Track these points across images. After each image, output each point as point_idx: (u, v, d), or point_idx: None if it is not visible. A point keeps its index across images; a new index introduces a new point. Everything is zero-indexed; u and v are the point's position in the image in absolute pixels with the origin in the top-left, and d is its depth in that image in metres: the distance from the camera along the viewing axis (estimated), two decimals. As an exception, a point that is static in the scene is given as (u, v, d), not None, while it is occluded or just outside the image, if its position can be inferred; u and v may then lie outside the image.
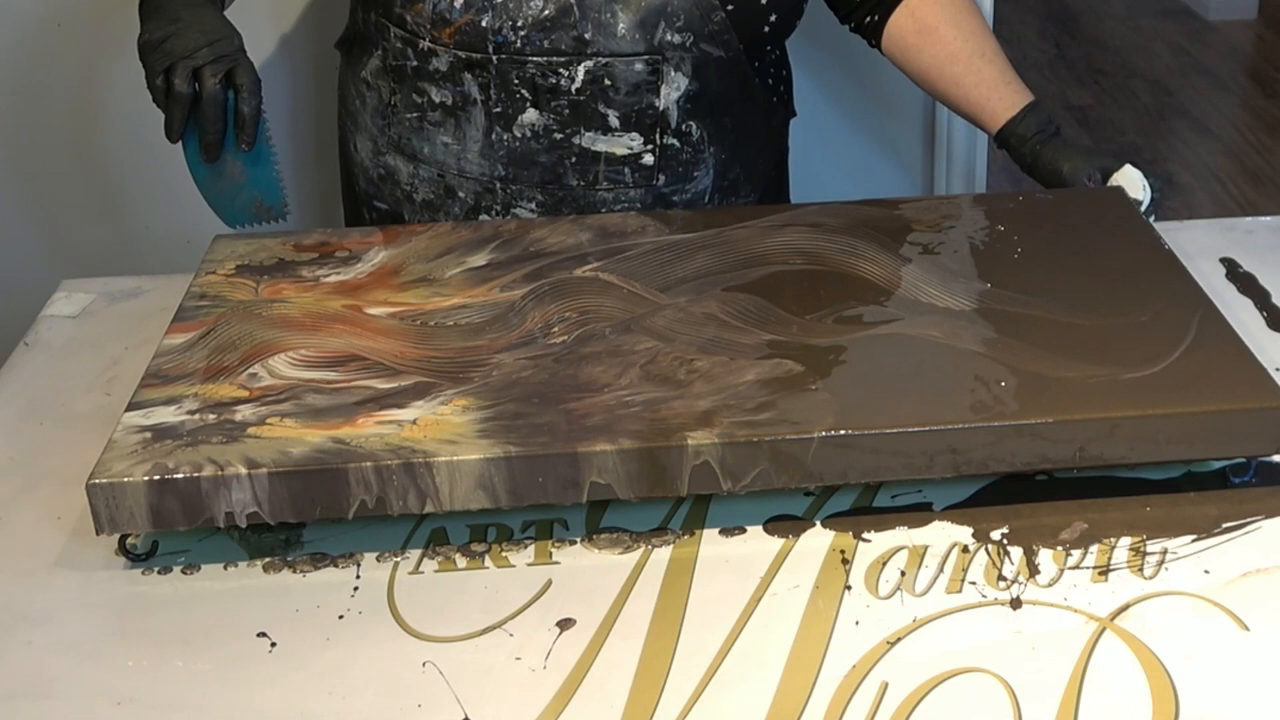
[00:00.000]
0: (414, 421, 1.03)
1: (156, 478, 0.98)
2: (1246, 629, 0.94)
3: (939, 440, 1.02)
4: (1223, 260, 1.37)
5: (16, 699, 0.92)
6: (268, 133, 1.27)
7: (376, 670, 0.93)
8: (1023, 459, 1.03)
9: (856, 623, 0.95)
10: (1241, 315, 1.27)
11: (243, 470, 0.98)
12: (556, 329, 1.14)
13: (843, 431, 1.01)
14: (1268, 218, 1.46)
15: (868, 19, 1.48)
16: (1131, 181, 1.36)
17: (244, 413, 1.05)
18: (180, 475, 0.98)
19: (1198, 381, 1.06)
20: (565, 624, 0.96)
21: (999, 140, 1.43)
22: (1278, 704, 0.89)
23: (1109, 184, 1.37)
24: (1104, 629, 0.94)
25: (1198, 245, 1.39)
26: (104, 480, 0.98)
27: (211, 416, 1.04)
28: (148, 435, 1.03)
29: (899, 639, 0.94)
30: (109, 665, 0.94)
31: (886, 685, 0.90)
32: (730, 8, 1.35)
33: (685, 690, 0.91)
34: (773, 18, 1.39)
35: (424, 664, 0.94)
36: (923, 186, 2.17)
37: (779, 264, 1.22)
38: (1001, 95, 1.42)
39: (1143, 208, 1.34)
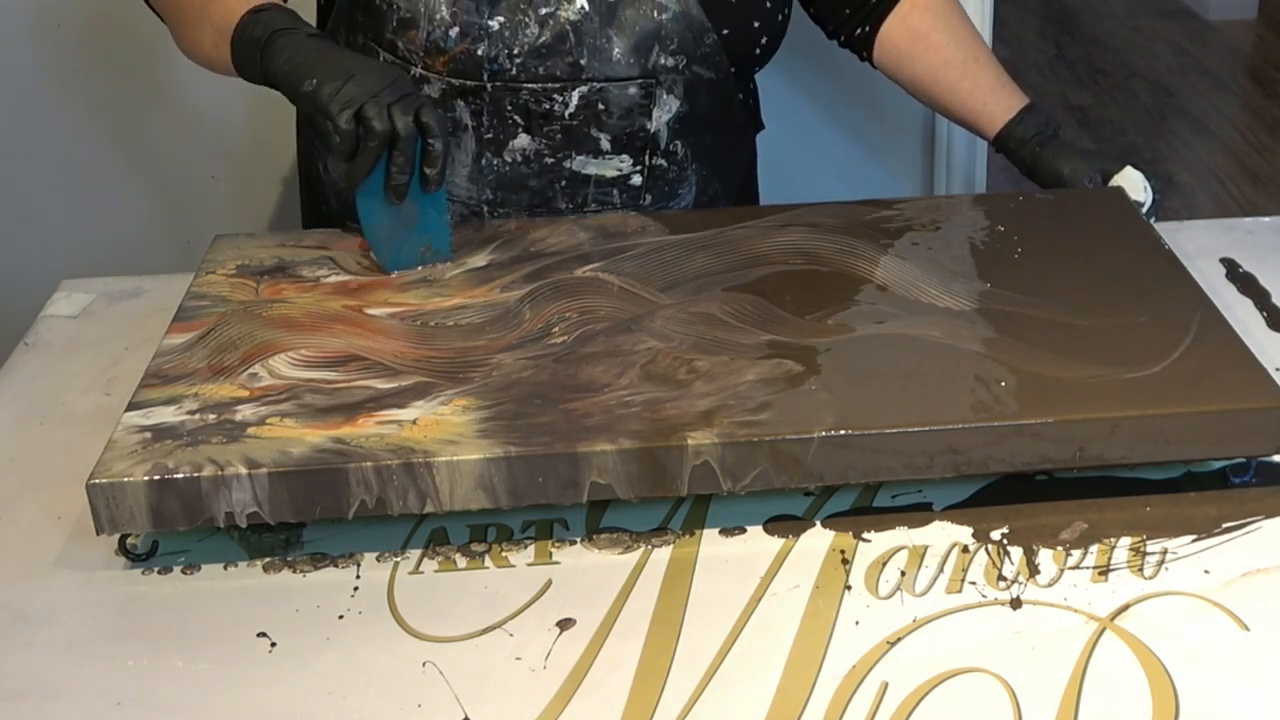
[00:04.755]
0: (414, 421, 1.03)
1: (156, 478, 0.98)
2: (1246, 629, 0.94)
3: (939, 440, 1.02)
4: (1223, 260, 1.37)
5: (16, 699, 0.92)
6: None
7: (376, 670, 0.93)
8: (1023, 459, 1.03)
9: (856, 623, 0.95)
10: (1241, 315, 1.27)
11: (243, 470, 0.98)
12: (556, 329, 1.14)
13: (843, 431, 1.01)
14: (1268, 218, 1.46)
15: (859, 30, 1.48)
16: (1132, 183, 1.36)
17: (244, 413, 1.05)
18: (180, 475, 0.98)
19: (1198, 381, 1.06)
20: (565, 624, 0.96)
21: (997, 144, 1.43)
22: (1278, 704, 0.89)
23: (1110, 185, 1.37)
24: (1104, 629, 0.94)
25: (1198, 245, 1.39)
26: (104, 480, 0.98)
27: (211, 416, 1.04)
28: (148, 435, 1.03)
29: (899, 639, 0.94)
30: (109, 665, 0.94)
31: (886, 685, 0.90)
32: (725, 32, 1.35)
33: (685, 690, 0.91)
34: (764, 40, 1.39)
35: (424, 664, 0.94)
36: (922, 188, 2.17)
37: (779, 264, 1.22)
38: (998, 99, 1.43)
39: (1143, 209, 1.34)
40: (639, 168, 1.38)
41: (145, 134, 2.06)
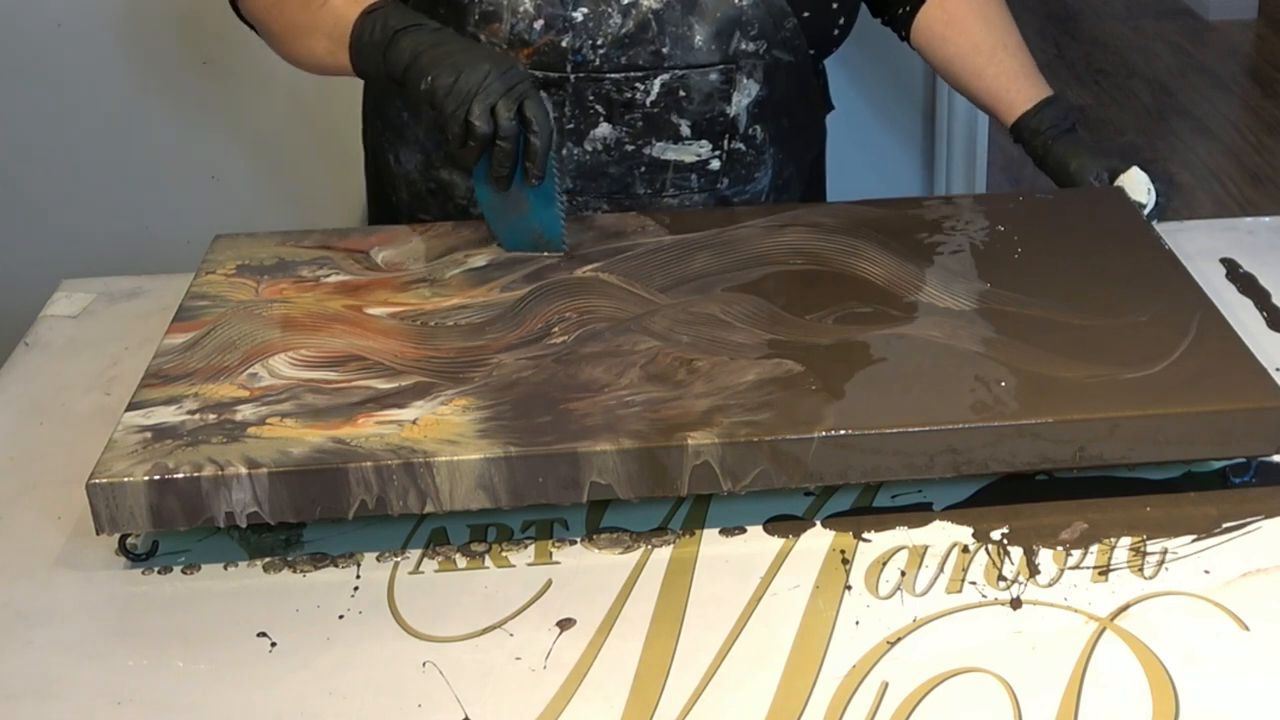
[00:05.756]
0: (414, 421, 1.03)
1: (156, 478, 0.98)
2: (1246, 629, 0.94)
3: (939, 440, 1.02)
4: (1223, 260, 1.37)
5: (16, 699, 0.92)
6: (554, 168, 1.23)
7: (376, 670, 0.93)
8: (1023, 459, 1.03)
9: (856, 623, 0.95)
10: (1241, 315, 1.27)
11: (243, 470, 0.98)
12: (556, 329, 1.14)
13: (843, 431, 1.01)
14: (1268, 218, 1.46)
15: (900, 10, 1.50)
16: (1136, 184, 1.36)
17: (244, 413, 1.05)
18: (180, 475, 0.98)
19: (1198, 381, 1.06)
20: (565, 624, 0.96)
21: (1013, 132, 1.45)
22: (1278, 704, 0.89)
23: (1113, 185, 1.37)
24: (1104, 629, 0.94)
25: (1198, 245, 1.39)
26: (104, 480, 0.98)
27: (211, 416, 1.04)
28: (148, 435, 1.02)
29: (899, 639, 0.94)
30: (109, 665, 0.94)
31: (886, 685, 0.90)
32: (805, 15, 1.37)
33: (685, 690, 0.91)
34: (841, 21, 1.41)
35: (424, 664, 0.94)
36: (923, 186, 2.17)
37: (779, 264, 1.22)
38: (1020, 88, 1.44)
39: (1145, 210, 1.34)
40: (718, 152, 1.39)
41: (145, 134, 2.06)
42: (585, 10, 1.31)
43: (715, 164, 1.39)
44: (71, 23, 1.98)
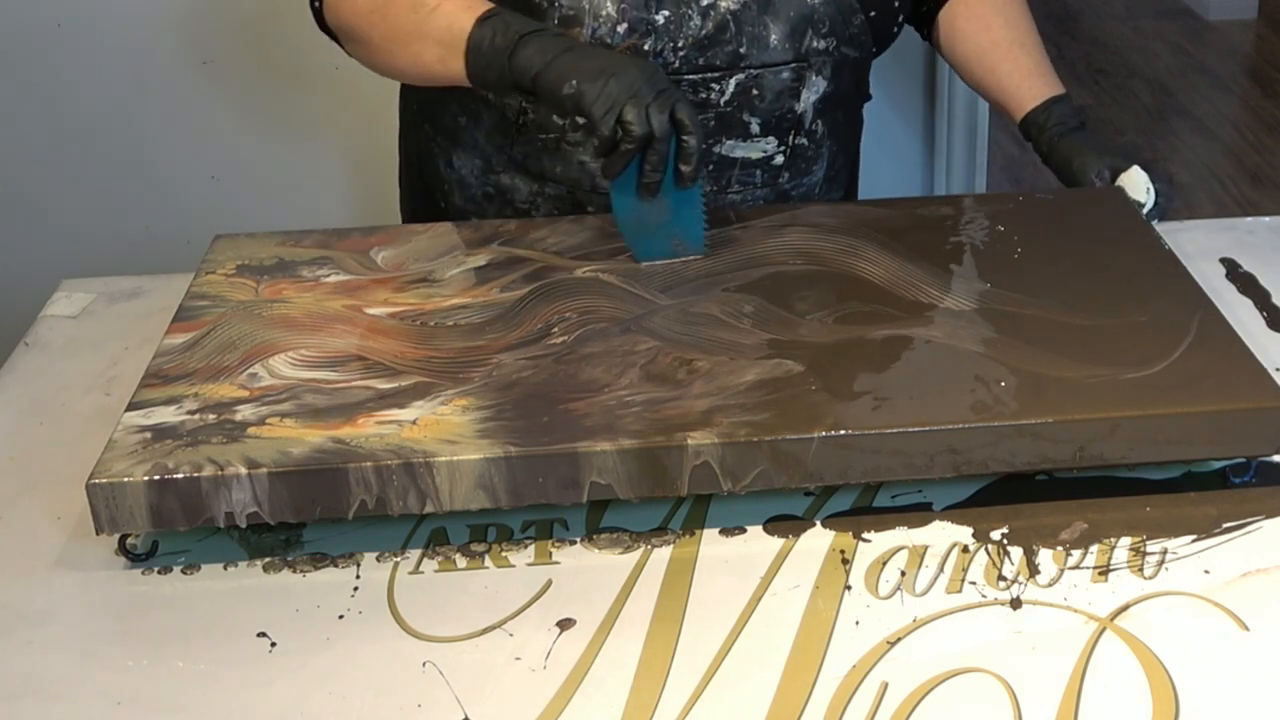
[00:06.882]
0: (414, 421, 1.03)
1: (156, 478, 0.98)
2: (1246, 629, 0.94)
3: (939, 440, 1.02)
4: (1223, 260, 1.37)
5: (16, 699, 0.92)
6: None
7: (376, 670, 0.93)
8: (1023, 459, 1.03)
9: (856, 623, 0.95)
10: (1241, 315, 1.27)
11: (243, 470, 0.98)
12: (556, 329, 1.14)
13: (843, 431, 1.01)
14: (1268, 218, 1.47)
15: (924, 8, 1.52)
16: (1135, 184, 1.36)
17: (244, 413, 1.05)
18: (180, 475, 0.98)
19: (1198, 381, 1.06)
20: (565, 624, 0.96)
21: (1022, 128, 1.45)
22: (1278, 704, 0.89)
23: (1114, 184, 1.37)
24: (1104, 629, 0.94)
25: (1198, 245, 1.39)
26: (104, 480, 0.98)
27: (211, 416, 1.04)
28: (148, 435, 1.03)
29: (899, 639, 0.94)
30: (109, 665, 0.94)
31: (886, 685, 0.90)
32: (872, 13, 1.38)
33: (685, 690, 0.91)
34: (900, 19, 1.43)
35: (424, 664, 0.94)
36: (923, 186, 2.17)
37: (779, 264, 1.22)
38: (1031, 85, 1.45)
39: (1144, 209, 1.34)
40: (783, 148, 1.40)
41: (145, 134, 2.06)
42: (667, 13, 1.32)
43: (779, 159, 1.40)
44: (71, 23, 1.98)
